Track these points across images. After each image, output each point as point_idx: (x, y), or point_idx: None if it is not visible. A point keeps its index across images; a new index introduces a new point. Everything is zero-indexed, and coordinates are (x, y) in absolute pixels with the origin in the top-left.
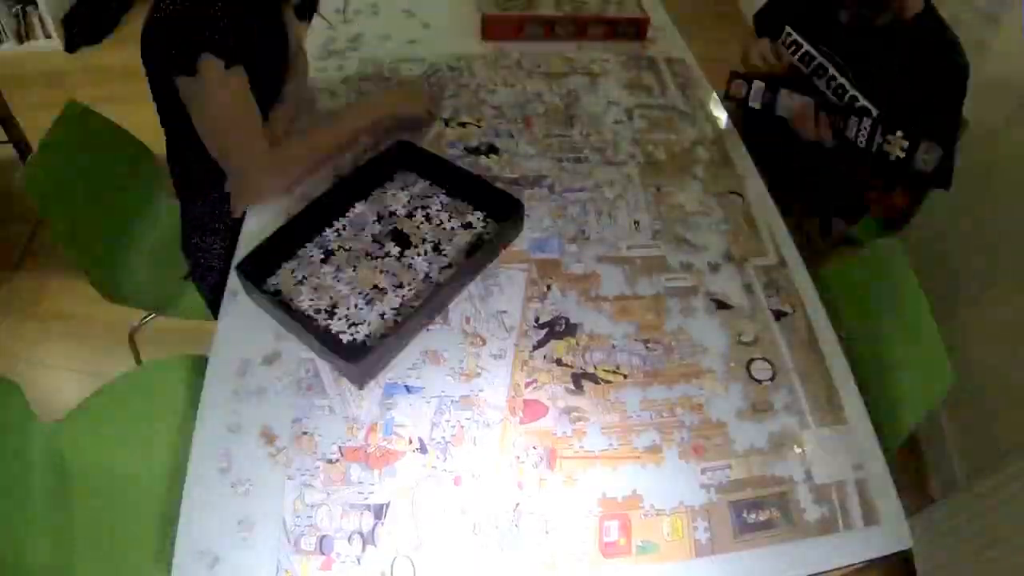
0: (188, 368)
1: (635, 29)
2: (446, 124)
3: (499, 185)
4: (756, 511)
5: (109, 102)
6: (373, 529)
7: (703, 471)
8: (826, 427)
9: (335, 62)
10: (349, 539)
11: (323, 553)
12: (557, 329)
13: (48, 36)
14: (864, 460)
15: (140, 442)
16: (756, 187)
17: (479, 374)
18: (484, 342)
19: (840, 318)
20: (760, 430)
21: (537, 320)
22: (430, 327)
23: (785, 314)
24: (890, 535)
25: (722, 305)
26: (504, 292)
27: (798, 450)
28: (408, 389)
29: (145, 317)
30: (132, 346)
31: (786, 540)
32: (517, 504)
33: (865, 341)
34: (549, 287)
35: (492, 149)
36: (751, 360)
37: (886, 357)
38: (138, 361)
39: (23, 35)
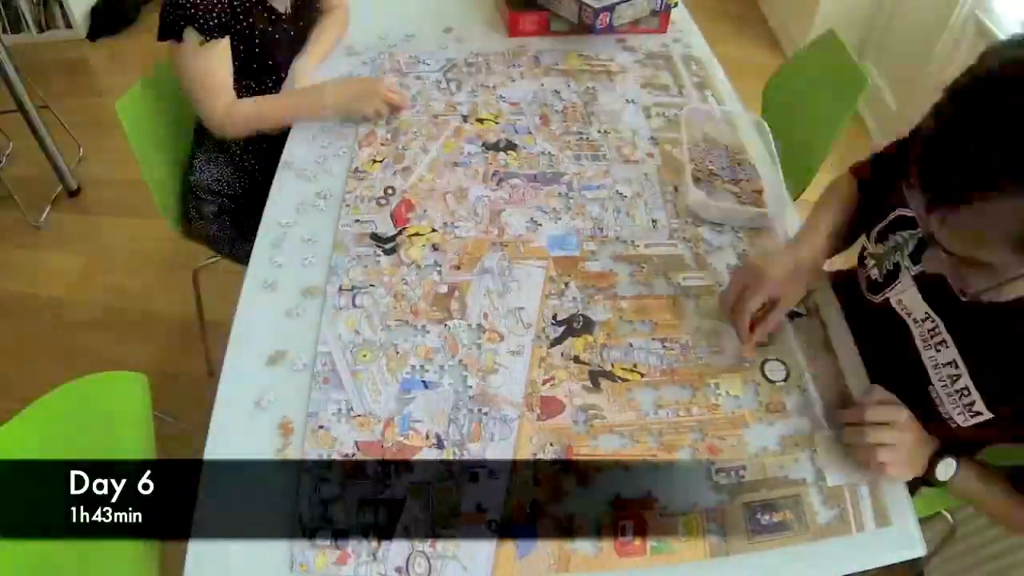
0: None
1: (657, 19)
2: (464, 120)
3: (516, 181)
4: (770, 513)
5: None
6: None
7: (718, 471)
8: (839, 429)
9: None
10: (365, 534)
11: (338, 548)
12: (575, 326)
13: (69, 25)
14: None
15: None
16: (773, 187)
17: (496, 370)
18: (502, 338)
19: None
20: (774, 431)
21: (555, 317)
22: (448, 322)
23: (799, 315)
24: (903, 540)
25: None
26: (522, 289)
27: (810, 452)
28: (425, 384)
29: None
30: (195, 285)
31: (799, 543)
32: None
33: None
34: (567, 284)
35: (510, 145)
36: (765, 361)
37: None
38: (199, 303)
39: (44, 24)
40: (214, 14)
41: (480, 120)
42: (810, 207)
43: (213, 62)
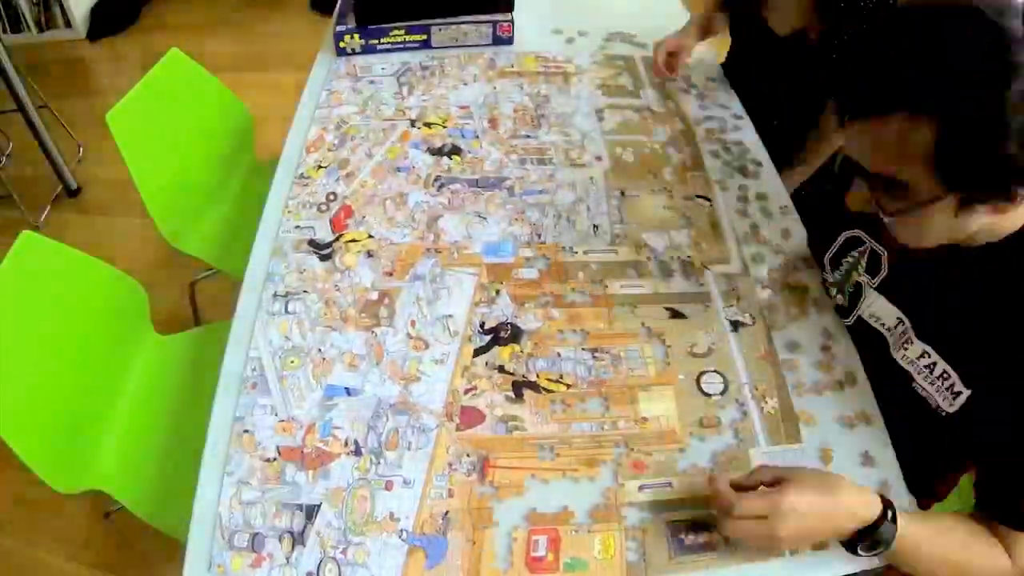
0: None
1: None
2: (412, 124)
3: (456, 187)
4: (696, 533)
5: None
6: (303, 530)
7: (641, 488)
8: (778, 446)
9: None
10: (280, 538)
11: (255, 551)
12: (502, 335)
13: (69, 25)
14: None
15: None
16: (725, 192)
17: (419, 379)
18: (427, 346)
19: None
20: (706, 447)
21: (482, 326)
22: (375, 328)
23: (744, 325)
24: (837, 562)
25: (676, 314)
26: (452, 296)
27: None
28: (348, 391)
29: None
30: (191, 293)
31: (725, 565)
32: (446, 512)
33: None
34: (498, 292)
35: (455, 150)
36: (702, 373)
37: None
38: (194, 307)
39: (44, 24)
40: None
41: (428, 124)
42: None
43: None
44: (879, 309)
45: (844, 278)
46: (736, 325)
